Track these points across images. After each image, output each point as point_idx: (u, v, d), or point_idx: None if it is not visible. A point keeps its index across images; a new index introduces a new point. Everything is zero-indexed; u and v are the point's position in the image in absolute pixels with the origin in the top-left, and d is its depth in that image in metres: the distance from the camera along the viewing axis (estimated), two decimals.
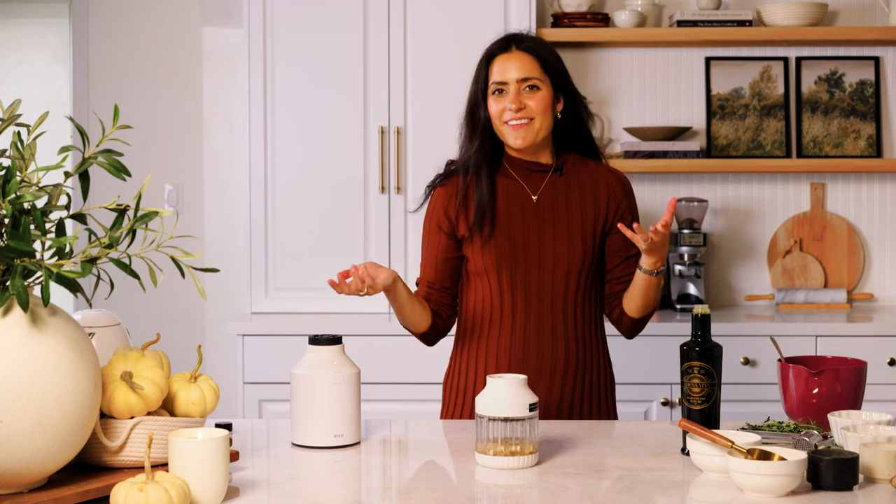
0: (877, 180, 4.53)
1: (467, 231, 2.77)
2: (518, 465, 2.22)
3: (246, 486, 2.12)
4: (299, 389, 2.39)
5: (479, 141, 2.78)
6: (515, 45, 2.76)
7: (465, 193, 2.78)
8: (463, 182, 2.79)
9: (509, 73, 2.73)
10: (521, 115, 2.72)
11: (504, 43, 2.78)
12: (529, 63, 2.75)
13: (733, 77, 4.50)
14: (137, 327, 3.98)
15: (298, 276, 4.18)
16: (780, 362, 2.54)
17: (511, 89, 2.73)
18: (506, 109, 2.73)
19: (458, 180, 2.80)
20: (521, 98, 2.72)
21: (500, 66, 2.75)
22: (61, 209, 1.98)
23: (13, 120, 1.99)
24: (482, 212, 2.75)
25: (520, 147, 2.75)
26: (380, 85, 4.15)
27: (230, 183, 4.59)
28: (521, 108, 2.72)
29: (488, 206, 2.75)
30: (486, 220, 2.75)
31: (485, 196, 2.75)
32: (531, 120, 2.73)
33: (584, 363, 2.79)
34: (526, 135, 2.74)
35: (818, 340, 4.00)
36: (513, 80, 2.73)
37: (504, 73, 2.74)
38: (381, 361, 3.97)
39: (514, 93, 2.72)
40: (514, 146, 2.76)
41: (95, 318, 2.34)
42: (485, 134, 2.78)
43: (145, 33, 4.62)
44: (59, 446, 1.92)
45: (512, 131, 2.74)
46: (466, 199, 2.78)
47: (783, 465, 2.03)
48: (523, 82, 2.73)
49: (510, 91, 2.73)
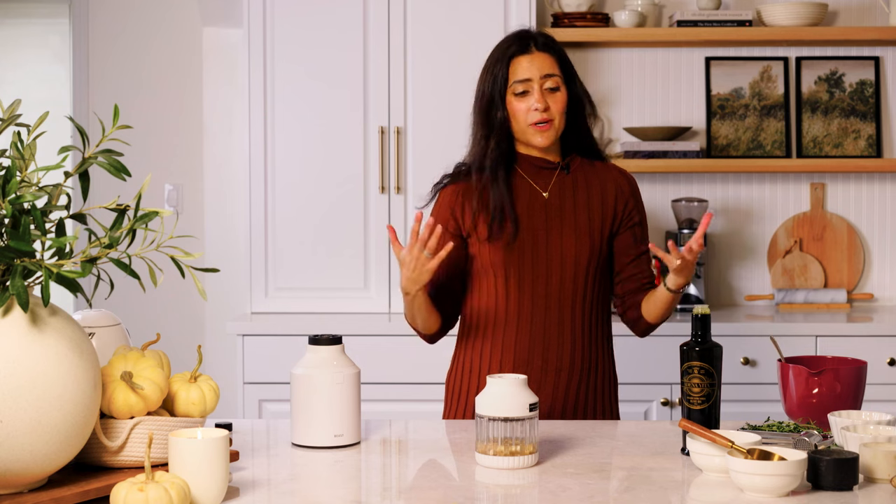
0: (877, 180, 4.53)
1: (485, 231, 2.76)
2: (518, 465, 2.22)
3: (246, 486, 2.12)
4: (299, 389, 2.39)
5: (496, 142, 2.77)
6: (535, 45, 2.76)
7: (480, 194, 2.77)
8: (478, 183, 2.78)
9: (532, 73, 2.74)
10: (546, 115, 2.73)
11: (524, 43, 2.77)
12: (550, 62, 2.76)
13: (733, 77, 4.50)
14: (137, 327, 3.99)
15: (298, 276, 4.18)
16: (780, 362, 2.54)
17: (535, 88, 2.73)
18: (531, 110, 2.73)
19: (470, 181, 2.79)
20: (545, 98, 2.73)
21: (523, 66, 2.74)
22: (61, 209, 1.98)
23: (13, 120, 1.99)
24: (502, 214, 2.75)
25: (543, 145, 2.76)
26: (380, 85, 4.15)
27: (230, 183, 4.59)
28: (546, 109, 2.73)
29: (509, 208, 2.75)
30: (508, 221, 2.74)
31: (504, 197, 2.75)
32: (552, 121, 2.74)
33: (590, 363, 2.79)
34: (549, 134, 2.75)
35: (818, 340, 4.00)
36: (536, 78, 2.74)
37: (527, 72, 2.74)
38: (381, 361, 3.97)
39: (539, 92, 2.73)
40: (539, 146, 2.76)
41: (95, 318, 2.34)
42: (501, 134, 2.78)
43: (145, 33, 4.62)
44: (59, 446, 1.92)
45: (538, 132, 2.74)
46: (477, 198, 2.77)
47: (783, 465, 2.03)
48: (545, 80, 2.74)
49: (534, 91, 2.73)
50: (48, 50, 6.48)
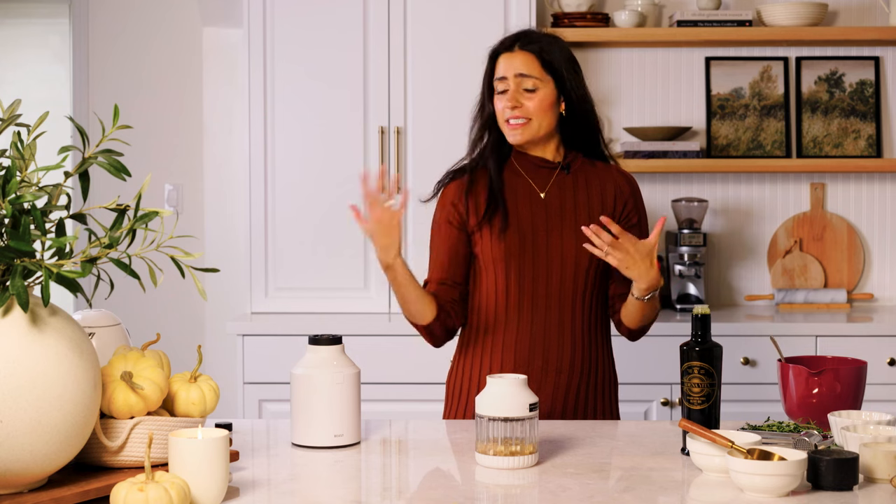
0: (877, 180, 4.53)
1: (477, 222, 2.78)
2: (518, 465, 2.22)
3: (246, 486, 2.12)
4: (299, 389, 2.39)
5: (487, 135, 2.84)
6: (519, 45, 2.78)
7: (472, 184, 2.80)
8: (472, 174, 2.82)
9: (508, 71, 2.77)
10: (519, 113, 2.75)
11: (509, 41, 2.81)
12: (530, 62, 2.76)
13: (733, 77, 4.50)
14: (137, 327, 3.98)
15: (298, 276, 4.18)
16: (780, 362, 2.54)
17: (510, 87, 2.75)
18: (504, 108, 2.77)
19: (467, 174, 2.83)
20: (518, 98, 2.74)
21: (502, 65, 2.79)
22: (61, 209, 1.98)
23: (13, 120, 1.99)
24: (494, 200, 2.77)
25: (516, 143, 2.80)
26: (380, 85, 4.15)
27: (230, 183, 4.59)
28: (516, 107, 2.75)
29: (499, 195, 2.77)
30: (499, 210, 2.76)
31: (495, 184, 2.78)
32: (528, 120, 2.75)
33: (590, 364, 2.79)
34: (523, 132, 2.77)
35: (818, 340, 4.00)
36: (511, 76, 2.76)
37: (504, 71, 2.78)
38: (381, 361, 3.97)
39: (512, 92, 2.76)
40: (511, 142, 2.81)
41: (95, 318, 2.34)
42: (490, 128, 2.83)
43: (145, 33, 4.62)
44: (59, 446, 1.92)
45: (510, 130, 2.78)
46: (476, 190, 2.79)
47: (783, 465, 2.03)
48: (520, 80, 2.75)
49: (510, 89, 2.75)
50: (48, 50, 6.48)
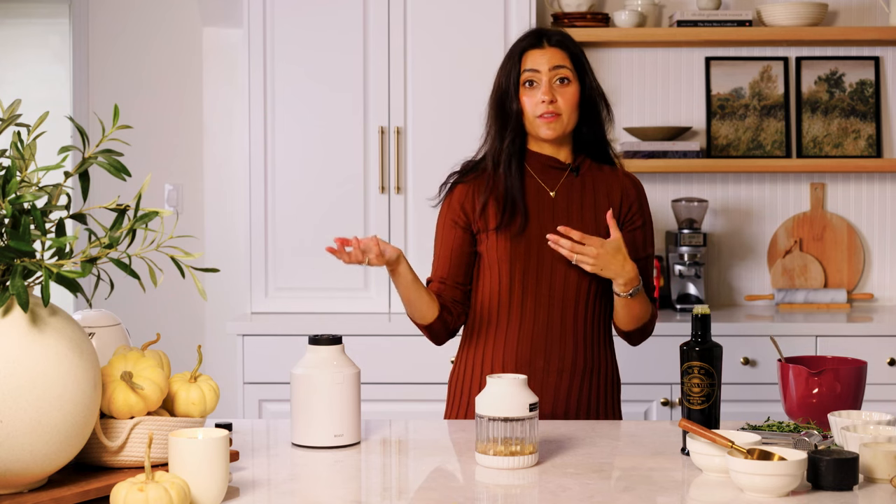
0: (877, 180, 4.53)
1: (494, 224, 2.77)
2: (518, 465, 2.22)
3: (246, 486, 2.12)
4: (299, 389, 2.39)
5: (511, 136, 2.80)
6: (547, 40, 2.79)
7: (493, 185, 2.79)
8: (493, 175, 2.80)
9: (542, 65, 2.76)
10: (552, 108, 2.75)
11: (535, 38, 2.80)
12: (561, 56, 2.78)
13: (733, 77, 4.50)
14: (137, 327, 3.99)
15: (298, 276, 4.18)
16: (780, 362, 2.54)
17: (543, 80, 2.75)
18: (538, 102, 2.75)
19: (480, 177, 2.82)
20: (552, 91, 2.75)
21: (532, 60, 2.77)
22: (61, 209, 1.98)
23: (13, 120, 1.99)
24: (514, 205, 2.77)
25: (549, 137, 2.77)
26: (380, 85, 4.15)
27: (230, 183, 4.59)
28: (553, 101, 2.74)
29: (520, 201, 2.77)
30: (519, 213, 2.76)
31: (517, 189, 2.77)
32: (559, 115, 2.76)
33: (592, 365, 2.79)
34: (556, 126, 2.76)
35: (818, 340, 4.00)
36: (545, 70, 2.75)
37: (536, 64, 2.76)
38: (381, 361, 3.97)
39: (547, 84, 2.75)
40: (545, 137, 2.77)
41: (95, 318, 2.34)
42: (516, 128, 2.80)
43: (145, 33, 4.62)
44: (59, 446, 1.92)
45: (545, 123, 2.76)
46: (489, 191, 2.79)
47: (783, 465, 2.03)
48: (554, 72, 2.75)
49: (542, 82, 2.75)
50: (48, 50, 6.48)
